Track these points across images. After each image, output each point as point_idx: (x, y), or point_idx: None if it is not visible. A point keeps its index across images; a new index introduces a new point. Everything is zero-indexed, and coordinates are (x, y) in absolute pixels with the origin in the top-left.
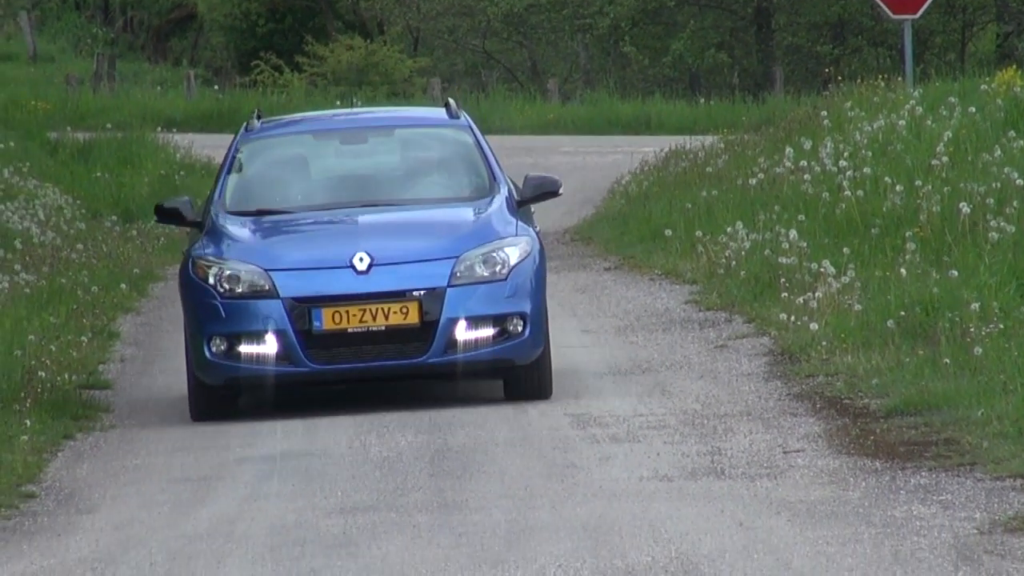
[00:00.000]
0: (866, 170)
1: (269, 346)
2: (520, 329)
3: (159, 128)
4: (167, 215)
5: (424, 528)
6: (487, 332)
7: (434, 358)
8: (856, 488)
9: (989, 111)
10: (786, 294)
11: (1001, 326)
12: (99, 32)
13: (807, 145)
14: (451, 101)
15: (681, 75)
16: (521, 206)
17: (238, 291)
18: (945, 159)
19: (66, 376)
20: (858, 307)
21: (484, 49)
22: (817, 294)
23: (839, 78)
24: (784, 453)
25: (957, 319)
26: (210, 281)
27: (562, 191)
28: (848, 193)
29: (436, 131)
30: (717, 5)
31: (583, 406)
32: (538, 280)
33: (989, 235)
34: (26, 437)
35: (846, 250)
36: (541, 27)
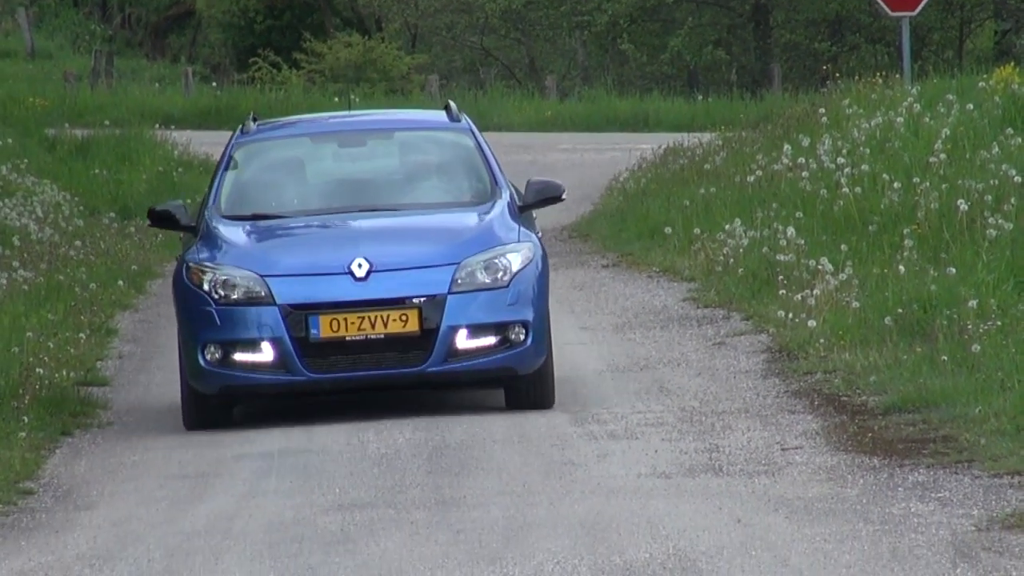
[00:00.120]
0: (864, 167)
1: (265, 354)
2: (522, 338)
3: (157, 125)
4: (160, 219)
5: (422, 525)
6: (488, 340)
7: (434, 367)
8: (854, 485)
9: (987, 108)
10: (784, 291)
11: (999, 323)
12: (97, 29)
13: (805, 142)
14: (451, 104)
15: (679, 72)
16: (523, 211)
17: (233, 297)
18: (943, 156)
19: (64, 373)
20: (856, 304)
21: (482, 46)
22: (815, 291)
23: (837, 75)
24: (782, 450)
25: (955, 316)
26: (204, 287)
27: (565, 196)
28: (846, 190)
29: (436, 134)
30: (715, 2)
31: (581, 403)
32: (541, 287)
33: (987, 232)
34: (24, 434)
35: (844, 247)
36: (539, 24)
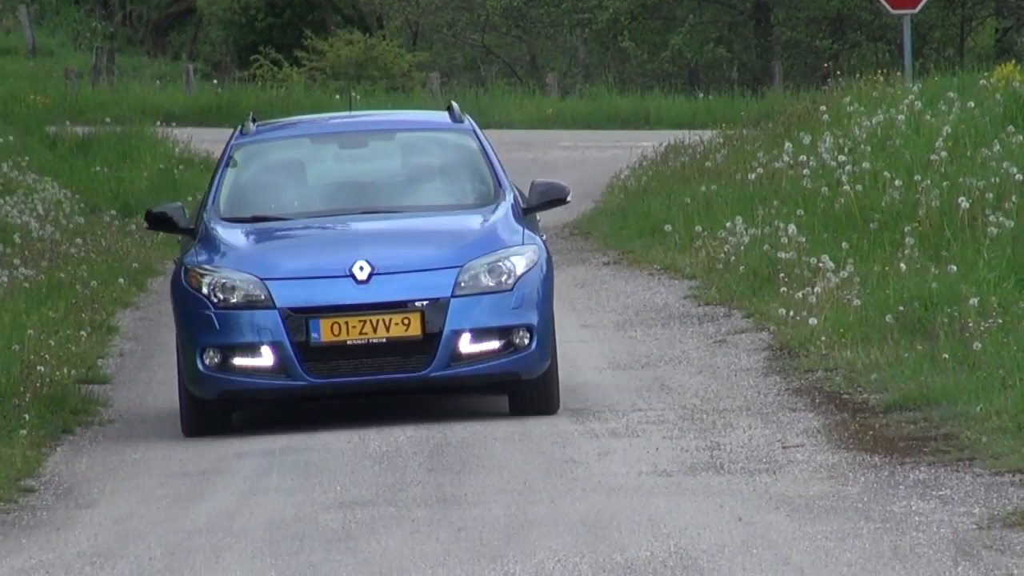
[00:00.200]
0: (865, 165)
1: (265, 358)
2: (527, 342)
3: (158, 122)
4: (158, 222)
5: (423, 523)
6: (492, 345)
7: (437, 372)
8: (855, 483)
9: (988, 106)
10: (785, 289)
11: (1000, 321)
12: (98, 26)
13: (806, 140)
14: (454, 104)
15: (680, 70)
16: (527, 214)
17: (232, 301)
18: (944, 154)
19: (65, 371)
20: (857, 302)
21: (483, 43)
22: (816, 289)
23: (838, 73)
24: (783, 448)
25: (956, 314)
26: (203, 291)
27: (570, 198)
28: (847, 188)
29: (439, 135)
30: (716, 0)
31: (582, 401)
32: (545, 291)
33: (988, 230)
34: (25, 431)
35: (845, 245)
36: (540, 21)
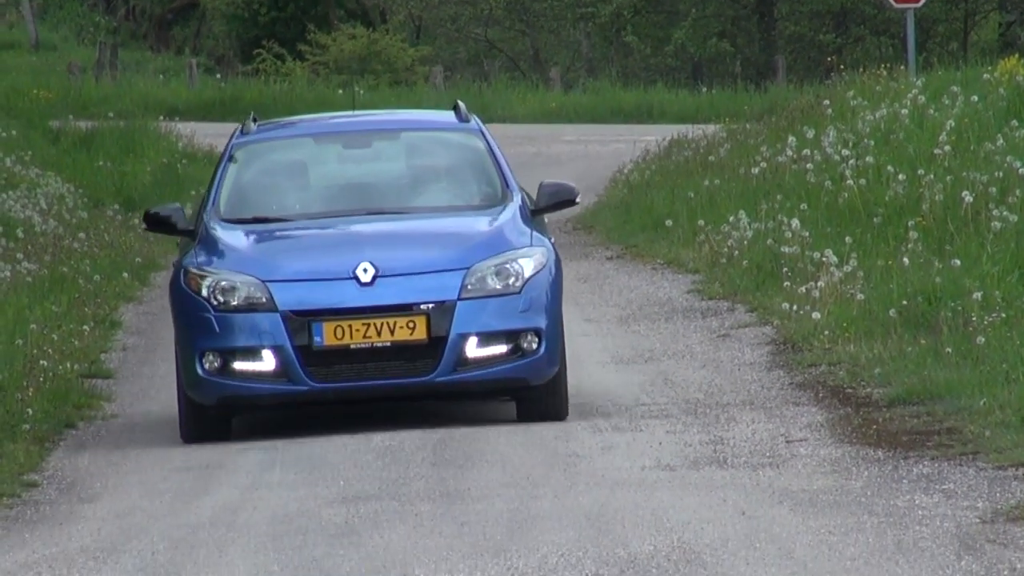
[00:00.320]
0: (869, 159)
1: (266, 363)
2: (535, 346)
3: (161, 117)
4: (157, 223)
5: (426, 517)
6: (500, 349)
7: (443, 376)
8: (858, 477)
9: (992, 100)
10: (788, 283)
11: (1003, 315)
12: (101, 21)
13: (810, 134)
14: (460, 104)
15: (683, 64)
16: (535, 215)
17: (233, 303)
18: (948, 148)
19: (68, 365)
20: (860, 296)
21: (486, 38)
22: (819, 283)
23: (841, 67)
24: (786, 442)
25: (959, 308)
26: (203, 293)
27: (579, 199)
28: (850, 182)
29: (445, 135)
30: None
31: (585, 395)
32: (554, 294)
33: (991, 224)
34: (28, 426)
35: (848, 239)
36: (543, 15)
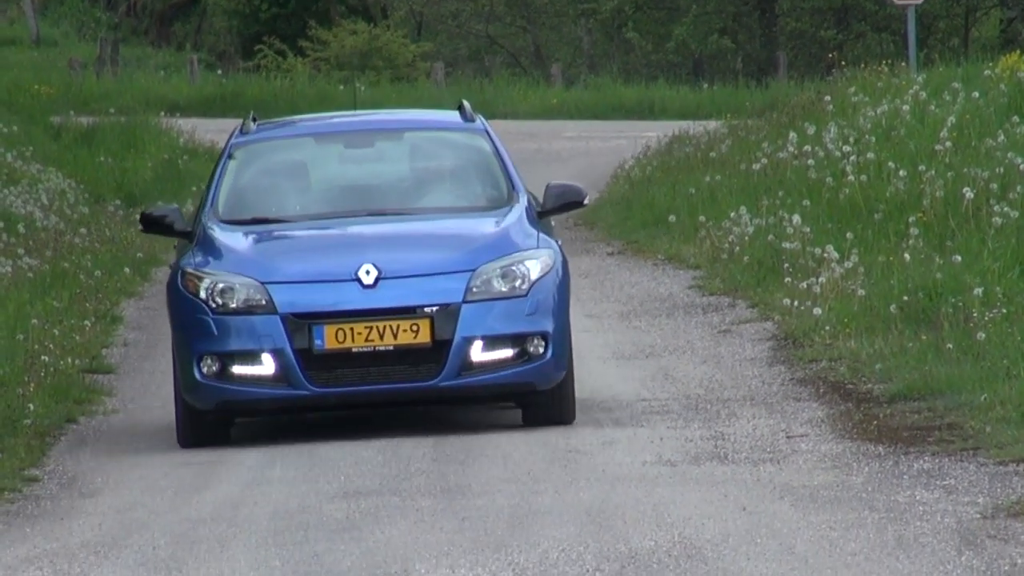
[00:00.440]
0: (870, 155)
1: (265, 366)
2: (541, 350)
3: (162, 113)
4: (154, 224)
5: (427, 512)
6: (505, 353)
7: (447, 381)
8: (859, 473)
9: (993, 96)
10: (789, 279)
11: (1004, 311)
12: (102, 16)
13: (811, 130)
14: (465, 103)
15: (684, 60)
16: (542, 217)
17: (232, 306)
18: (949, 144)
19: (69, 360)
20: (861, 292)
21: (487, 34)
22: (820, 279)
23: (843, 63)
24: (787, 438)
25: (960, 304)
26: (201, 295)
27: (587, 201)
28: (852, 178)
29: (449, 135)
30: None
31: (586, 391)
32: (561, 297)
33: (992, 220)
34: (29, 421)
35: (849, 235)
36: (545, 11)
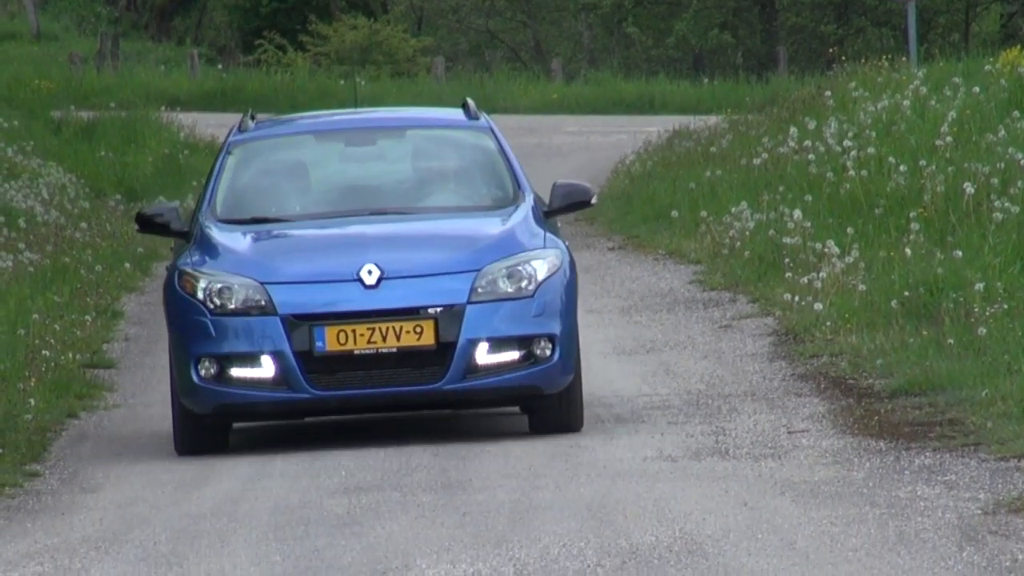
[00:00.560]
0: (870, 150)
1: (265, 369)
2: (548, 353)
3: (163, 107)
4: (150, 224)
5: (428, 507)
6: (511, 355)
7: (451, 384)
8: (860, 468)
9: (993, 91)
10: (790, 274)
11: (1005, 306)
12: (103, 11)
13: (811, 125)
14: (469, 101)
15: (685, 55)
16: (549, 216)
17: (230, 307)
18: (949, 139)
19: (70, 355)
20: (862, 287)
21: (488, 28)
22: (821, 274)
23: (843, 58)
24: (788, 433)
25: (961, 299)
26: (199, 296)
27: (595, 200)
28: (852, 173)
29: (453, 133)
30: None
31: (587, 386)
32: (569, 298)
33: (993, 215)
34: (30, 416)
35: (850, 230)
36: (545, 6)
